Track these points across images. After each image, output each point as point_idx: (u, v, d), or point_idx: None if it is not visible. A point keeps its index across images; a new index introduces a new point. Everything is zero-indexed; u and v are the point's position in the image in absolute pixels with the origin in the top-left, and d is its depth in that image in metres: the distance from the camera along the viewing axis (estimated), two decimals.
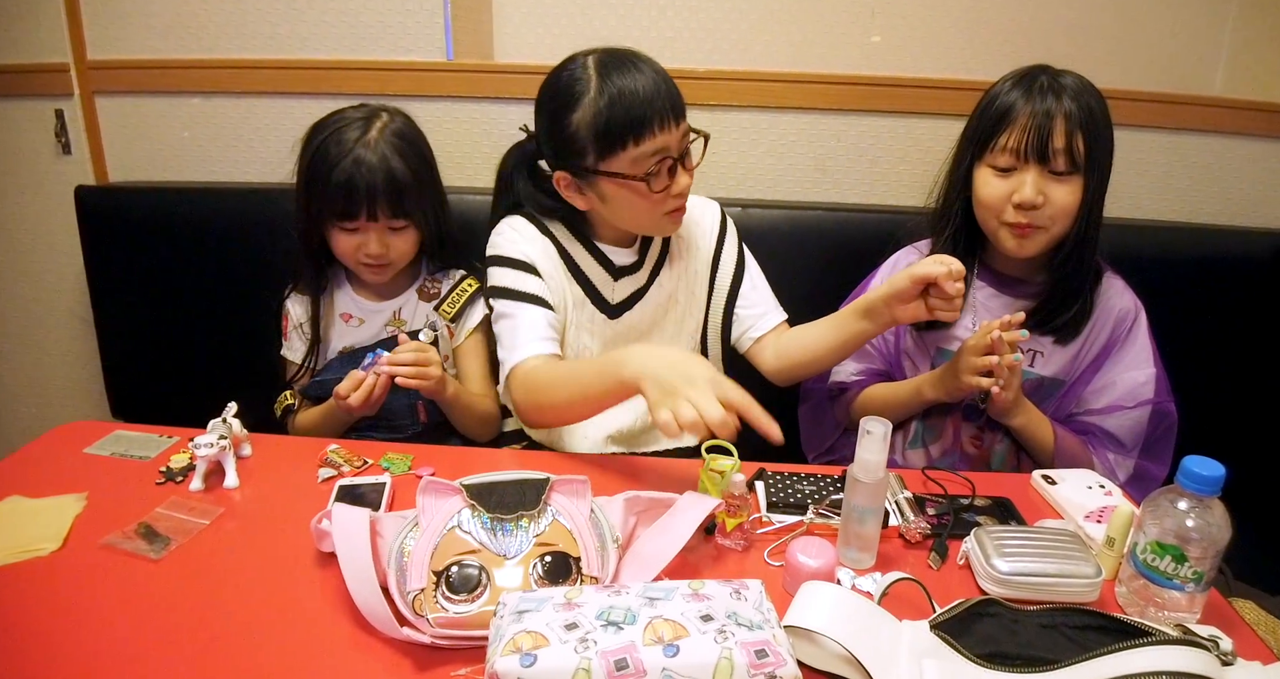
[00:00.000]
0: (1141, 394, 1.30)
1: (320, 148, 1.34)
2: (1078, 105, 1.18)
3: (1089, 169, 1.19)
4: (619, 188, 1.23)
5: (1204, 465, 0.87)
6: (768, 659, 0.69)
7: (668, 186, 1.23)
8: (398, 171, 1.32)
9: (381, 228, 1.36)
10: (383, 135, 1.34)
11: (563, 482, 0.91)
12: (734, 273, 1.43)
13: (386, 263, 1.39)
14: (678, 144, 1.23)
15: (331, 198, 1.32)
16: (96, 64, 1.82)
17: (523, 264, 1.33)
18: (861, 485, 0.94)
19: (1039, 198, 1.20)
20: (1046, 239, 1.24)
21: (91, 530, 1.01)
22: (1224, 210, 1.88)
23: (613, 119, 1.18)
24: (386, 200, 1.32)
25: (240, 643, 0.84)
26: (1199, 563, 0.88)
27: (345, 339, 1.48)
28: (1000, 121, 1.22)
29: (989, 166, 1.24)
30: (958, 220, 1.31)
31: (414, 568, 0.84)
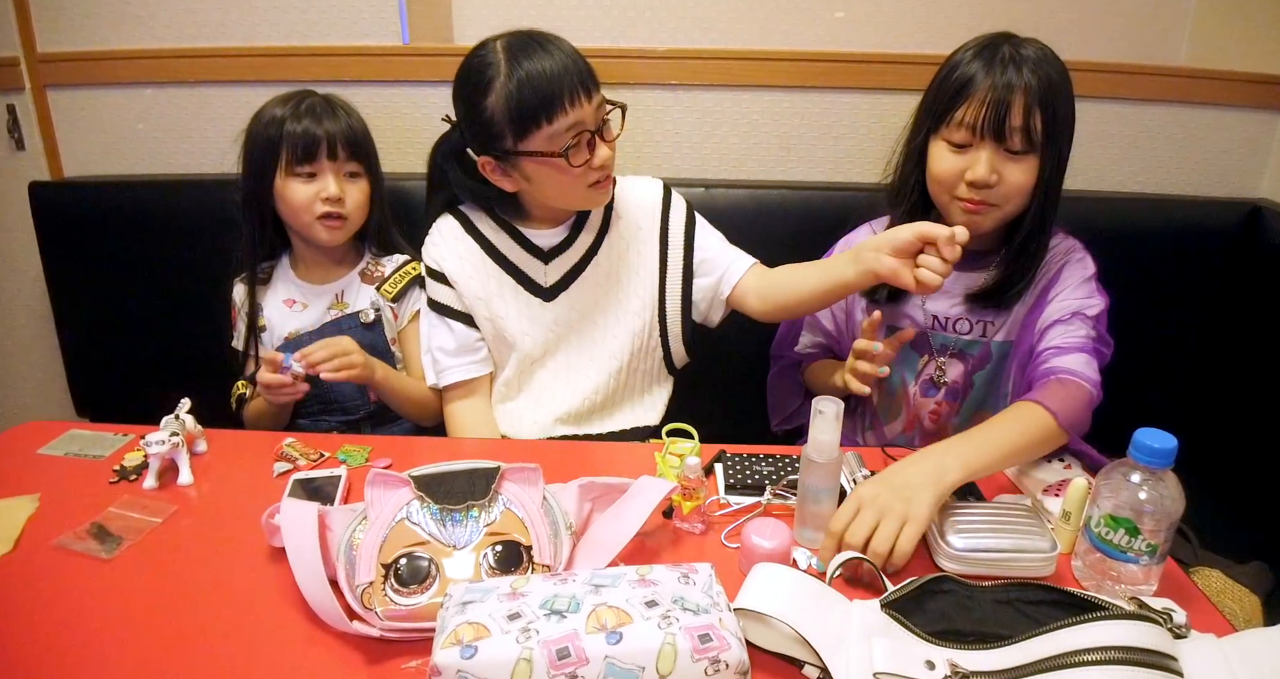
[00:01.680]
0: (1076, 307, 1.23)
1: (269, 117, 1.37)
2: (1038, 79, 1.14)
3: (1046, 147, 1.17)
4: (540, 166, 1.24)
5: (1155, 437, 0.87)
6: (711, 643, 0.68)
7: (588, 160, 1.24)
8: (347, 118, 1.38)
9: (339, 170, 1.37)
10: (325, 102, 1.40)
11: (514, 470, 0.90)
12: (684, 245, 1.41)
13: (344, 213, 1.38)
14: (593, 117, 1.23)
15: (291, 146, 1.35)
16: (47, 56, 1.79)
17: (433, 272, 1.39)
18: (816, 465, 0.93)
19: (992, 177, 1.17)
20: (999, 216, 1.22)
21: (44, 532, 1.00)
22: (1190, 180, 1.88)
23: (524, 100, 1.19)
24: (344, 139, 1.36)
25: (192, 641, 0.83)
26: (1152, 536, 0.88)
27: (290, 324, 1.46)
28: (958, 94, 1.18)
29: (944, 141, 1.22)
30: (914, 195, 1.29)
31: (362, 561, 0.83)
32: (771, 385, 1.53)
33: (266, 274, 1.48)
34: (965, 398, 1.35)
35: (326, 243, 1.42)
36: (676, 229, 1.42)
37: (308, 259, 1.48)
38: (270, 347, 1.47)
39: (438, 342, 1.40)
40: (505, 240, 1.38)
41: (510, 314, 1.37)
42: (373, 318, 1.44)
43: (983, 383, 1.34)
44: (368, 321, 1.43)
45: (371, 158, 1.42)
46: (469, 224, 1.40)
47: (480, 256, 1.38)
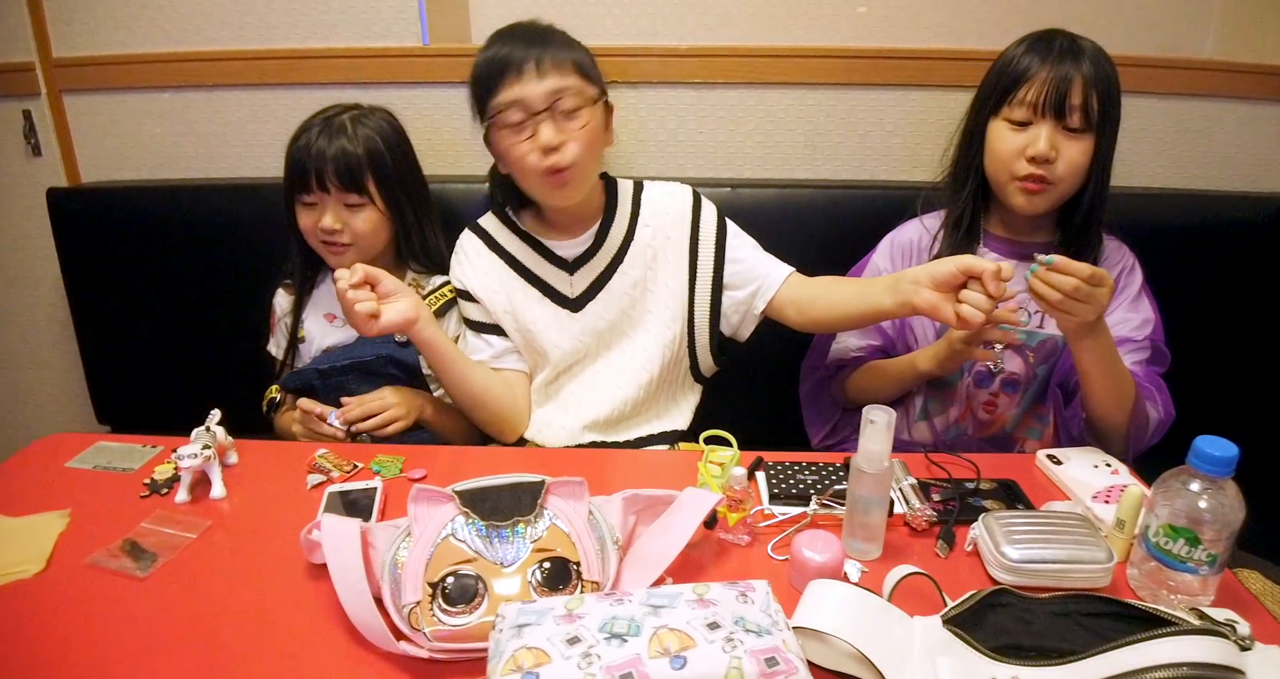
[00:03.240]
0: (1145, 330, 1.31)
1: (295, 135, 1.38)
2: (1094, 67, 1.20)
3: (1102, 128, 1.22)
4: (496, 139, 1.27)
5: (1216, 446, 0.85)
6: (779, 667, 0.66)
7: (532, 137, 1.23)
8: (349, 147, 1.34)
9: (336, 202, 1.35)
10: (351, 121, 1.37)
11: (559, 484, 0.89)
12: (715, 256, 1.39)
13: (345, 243, 1.37)
14: (541, 98, 1.22)
15: (290, 173, 1.36)
16: (62, 61, 1.77)
17: (460, 292, 1.41)
18: (866, 476, 0.91)
19: (1052, 152, 1.21)
20: (1055, 196, 1.25)
21: (76, 549, 0.98)
22: (1218, 175, 1.85)
23: (478, 69, 1.26)
24: (335, 170, 1.33)
25: (232, 661, 0.82)
26: (1212, 545, 0.86)
27: (329, 338, 1.46)
28: (1019, 79, 1.23)
29: (1004, 120, 1.26)
30: (974, 179, 1.32)
31: (408, 580, 0.81)
32: (808, 401, 1.49)
33: (311, 286, 1.49)
34: (1027, 389, 1.34)
35: (336, 268, 1.39)
36: (707, 238, 1.40)
37: None
38: (307, 358, 1.47)
39: (476, 356, 1.39)
40: (528, 253, 1.37)
41: (539, 326, 1.36)
42: (404, 339, 1.41)
43: (1045, 374, 1.34)
44: (402, 340, 1.41)
45: (382, 183, 1.37)
46: (490, 239, 1.40)
47: (504, 270, 1.37)
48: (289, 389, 1.46)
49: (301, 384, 1.43)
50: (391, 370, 1.42)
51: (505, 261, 1.39)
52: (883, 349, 1.42)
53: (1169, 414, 1.27)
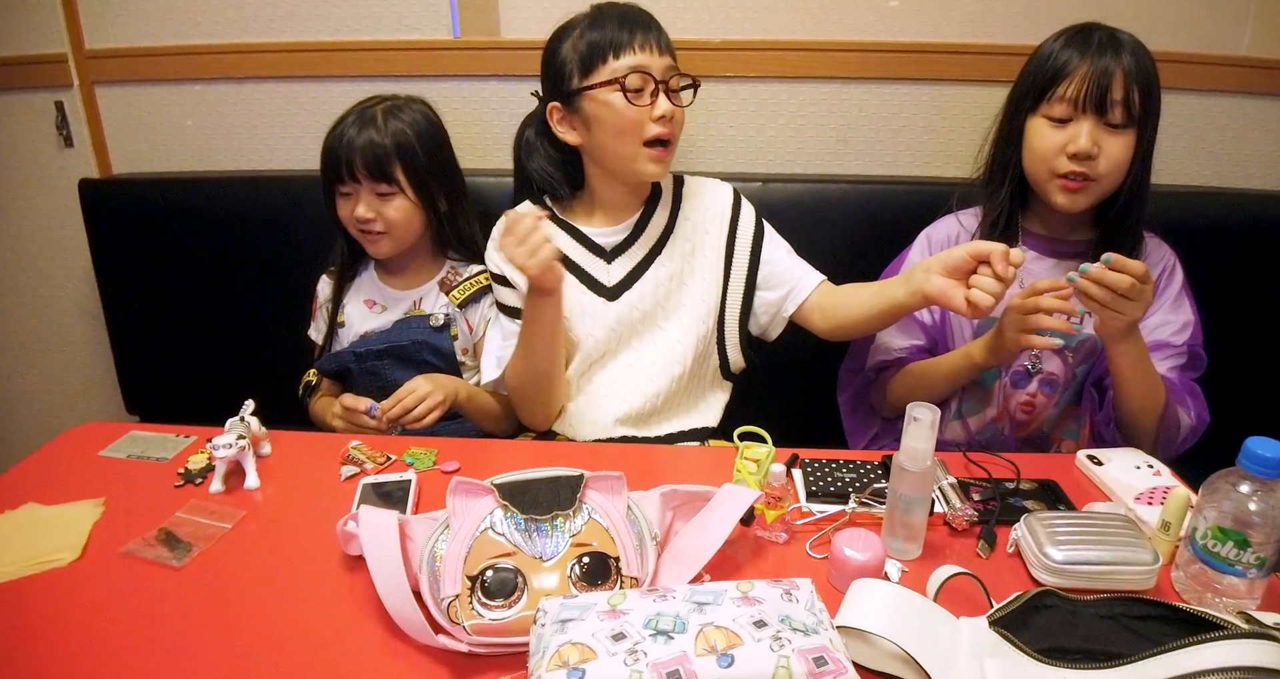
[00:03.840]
0: (1184, 335, 1.29)
1: (330, 129, 1.39)
2: (1135, 61, 1.18)
3: (1143, 123, 1.19)
4: (600, 107, 1.25)
5: (1268, 447, 0.83)
6: (827, 667, 0.65)
7: (650, 105, 1.24)
8: (377, 139, 1.35)
9: (368, 192, 1.37)
10: (384, 113, 1.38)
11: (598, 478, 0.88)
12: (750, 255, 1.40)
13: (380, 231, 1.39)
14: (660, 70, 1.25)
15: (324, 164, 1.38)
16: (95, 53, 1.78)
17: (497, 276, 1.39)
18: (909, 474, 0.90)
19: (1094, 148, 1.19)
20: (1097, 193, 1.23)
21: (111, 538, 0.98)
22: (1256, 173, 1.82)
23: (593, 39, 1.24)
24: (363, 160, 1.34)
25: (268, 652, 0.81)
26: (1262, 548, 0.84)
27: (367, 324, 1.49)
28: (1059, 74, 1.21)
29: (1044, 117, 1.23)
30: (1013, 177, 1.30)
31: (447, 573, 0.81)
32: (849, 409, 1.47)
33: (353, 274, 1.51)
34: (1065, 390, 1.33)
35: (374, 255, 1.45)
36: (744, 238, 1.40)
37: (390, 265, 1.50)
38: (345, 342, 1.49)
39: (505, 333, 1.38)
40: (566, 240, 1.37)
41: (574, 313, 1.35)
42: (442, 322, 1.44)
43: (1083, 375, 1.32)
44: (437, 325, 1.44)
45: (411, 173, 1.38)
46: None
47: None
48: (325, 372, 1.49)
49: (338, 367, 1.45)
50: (427, 356, 1.43)
51: None
52: (927, 349, 1.39)
53: (1202, 420, 1.26)
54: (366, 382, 1.44)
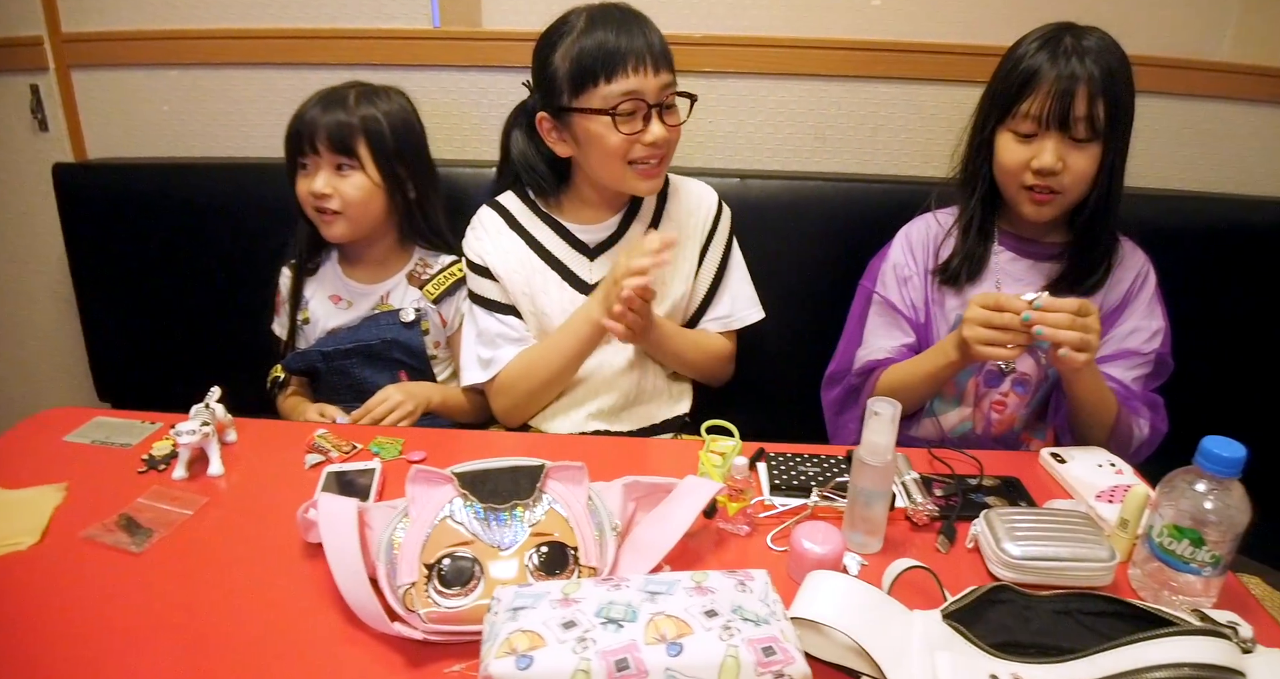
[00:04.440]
0: (1153, 343, 1.30)
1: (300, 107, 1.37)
2: (1100, 68, 1.17)
3: (1109, 135, 1.19)
4: (590, 128, 1.24)
5: (1224, 446, 0.84)
6: (775, 656, 0.65)
7: (639, 132, 1.23)
8: (344, 117, 1.33)
9: (327, 165, 1.34)
10: (356, 96, 1.36)
11: (559, 468, 0.88)
12: (716, 270, 1.43)
13: (335, 210, 1.35)
14: (654, 92, 1.23)
15: (287, 138, 1.36)
16: (71, 36, 1.76)
17: (477, 267, 1.37)
18: (869, 468, 0.90)
19: (1058, 164, 1.20)
20: (1064, 204, 1.25)
21: (71, 522, 0.98)
22: (1232, 178, 1.83)
23: (585, 55, 1.21)
24: (326, 132, 1.32)
25: (225, 639, 0.81)
26: (1217, 546, 0.85)
27: (333, 320, 1.45)
28: (1023, 87, 1.21)
29: (1011, 132, 1.25)
30: (984, 185, 1.31)
31: (404, 561, 0.80)
32: (833, 410, 1.45)
33: (314, 266, 1.47)
34: (1038, 390, 1.33)
35: (328, 239, 1.41)
36: (718, 245, 1.42)
37: (355, 258, 1.47)
38: (312, 339, 1.46)
39: (487, 335, 1.37)
40: (549, 235, 1.36)
41: (554, 310, 1.35)
42: (412, 317, 1.42)
43: (1056, 375, 1.31)
44: (407, 321, 1.41)
45: (377, 152, 1.35)
46: (511, 218, 1.38)
47: (524, 250, 1.36)
48: (292, 370, 1.46)
49: (305, 366, 1.43)
50: (397, 354, 1.41)
51: (526, 242, 1.37)
52: (915, 348, 1.38)
53: (1157, 433, 1.28)
54: (335, 380, 1.42)
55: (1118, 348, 1.29)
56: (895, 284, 1.36)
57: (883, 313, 1.37)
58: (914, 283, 1.36)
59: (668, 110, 1.26)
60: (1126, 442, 1.25)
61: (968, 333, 1.14)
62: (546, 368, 1.32)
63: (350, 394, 1.38)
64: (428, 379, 1.44)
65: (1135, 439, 1.25)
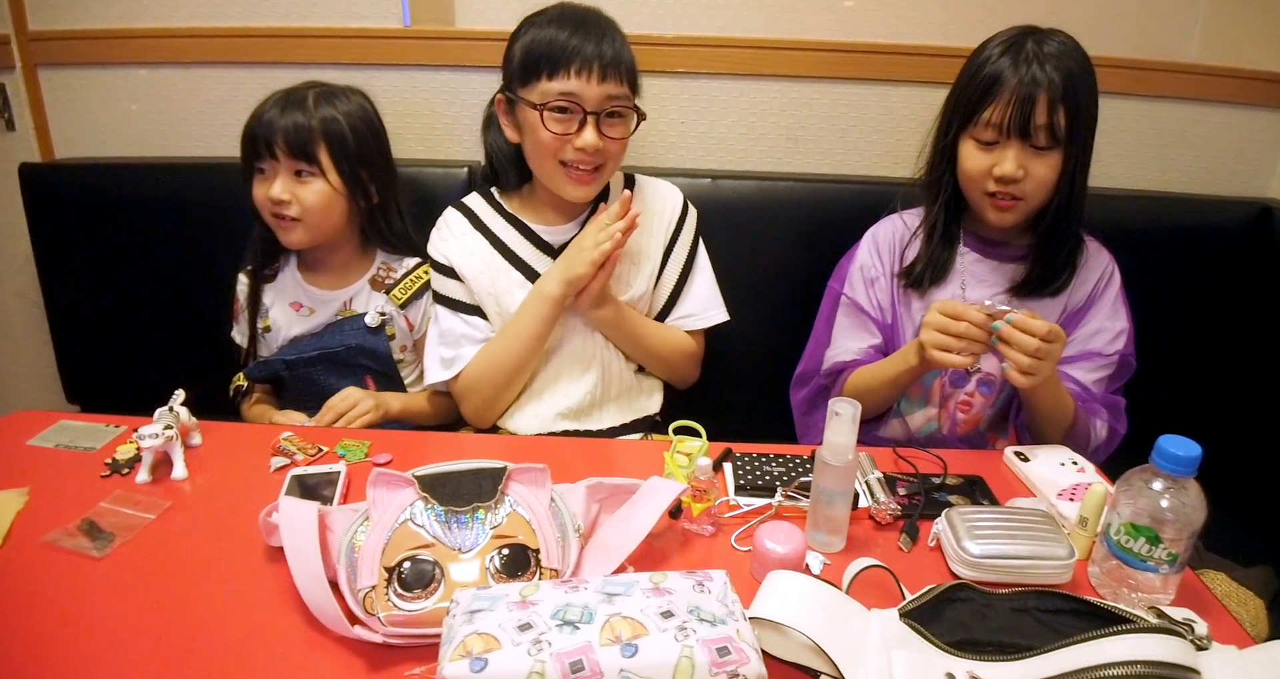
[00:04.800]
0: (1116, 344, 1.31)
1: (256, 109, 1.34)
2: (1061, 75, 1.17)
3: (1069, 142, 1.20)
4: (528, 117, 1.26)
5: (1180, 445, 0.85)
6: (730, 656, 0.66)
7: (570, 135, 1.24)
8: (302, 119, 1.30)
9: (285, 171, 1.31)
10: (315, 97, 1.33)
11: (521, 470, 0.88)
12: (681, 270, 1.43)
13: (294, 216, 1.33)
14: (595, 100, 1.23)
15: (243, 142, 1.33)
16: (38, 35, 1.74)
17: (442, 267, 1.37)
18: (831, 468, 0.91)
19: (1019, 172, 1.21)
20: (1026, 209, 1.26)
21: (33, 527, 0.97)
22: (1199, 178, 1.86)
23: (536, 47, 1.23)
24: (284, 137, 1.29)
25: (186, 642, 0.81)
26: (1173, 544, 0.86)
27: (295, 328, 1.43)
28: (985, 95, 1.22)
29: (973, 139, 1.25)
30: (948, 191, 1.32)
31: (364, 564, 0.80)
32: (801, 410, 1.46)
33: (271, 273, 1.45)
34: (1002, 390, 1.34)
35: (287, 245, 1.39)
36: (683, 245, 1.43)
37: (315, 264, 1.44)
38: (274, 346, 1.45)
39: (450, 335, 1.37)
40: (514, 235, 1.37)
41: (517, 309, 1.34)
42: (377, 323, 1.40)
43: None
44: (372, 326, 1.40)
45: (337, 157, 1.32)
46: (475, 218, 1.38)
47: (489, 251, 1.36)
48: (254, 379, 1.44)
49: (268, 374, 1.41)
50: (362, 360, 1.40)
51: (490, 242, 1.37)
52: (882, 350, 1.38)
53: (1116, 434, 1.30)
54: (300, 388, 1.40)
55: (1081, 349, 1.30)
56: (862, 285, 1.37)
57: (850, 314, 1.38)
58: (881, 284, 1.37)
59: (610, 120, 1.26)
60: (1083, 444, 1.26)
61: (925, 337, 1.16)
62: (509, 356, 1.32)
63: (316, 402, 1.36)
64: (395, 384, 1.43)
65: (1092, 441, 1.26)
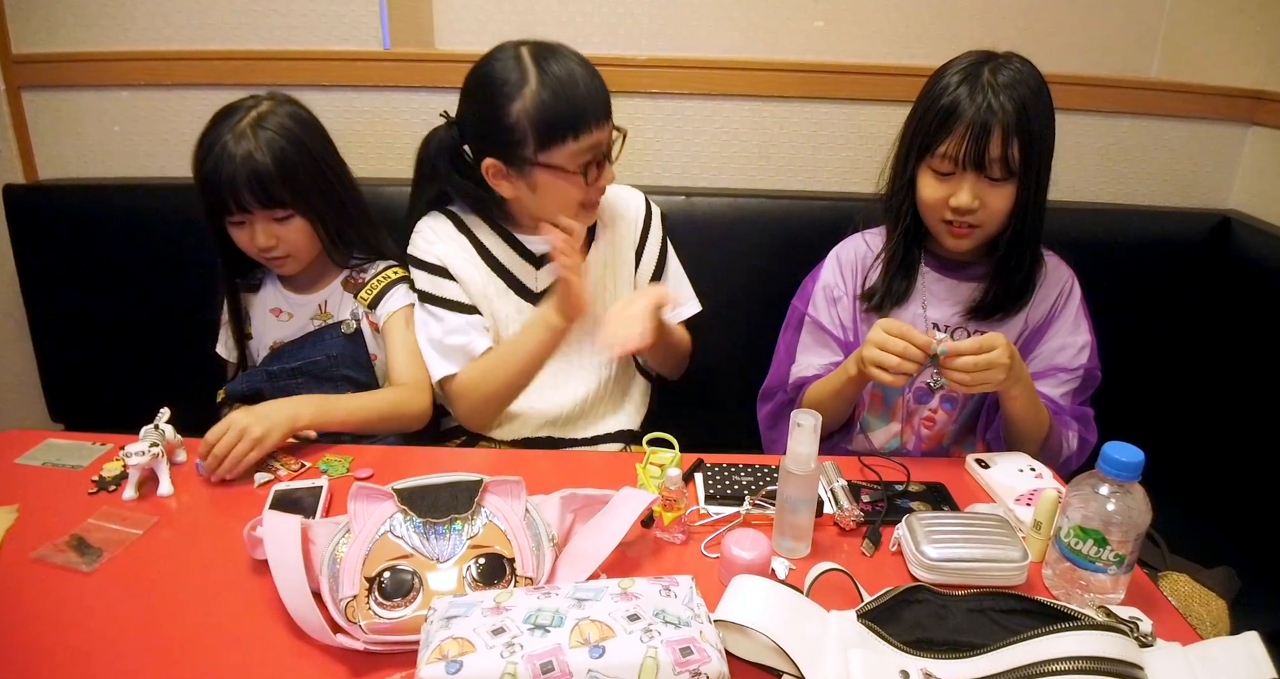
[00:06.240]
0: (1080, 358, 1.33)
1: (198, 144, 1.31)
2: (1014, 105, 1.18)
3: (1024, 173, 1.22)
4: (553, 179, 1.26)
5: (1123, 451, 0.89)
6: (692, 656, 0.70)
7: (596, 179, 1.28)
8: (259, 161, 1.26)
9: (264, 218, 1.30)
10: (253, 126, 1.28)
11: (496, 483, 0.91)
12: (655, 267, 1.47)
13: (284, 255, 1.34)
14: (608, 140, 1.28)
15: (205, 194, 1.29)
16: (22, 57, 1.77)
17: (435, 268, 1.37)
18: (794, 477, 0.95)
19: (975, 203, 1.23)
20: (982, 236, 1.28)
21: (23, 543, 0.99)
22: (1160, 191, 1.92)
23: (557, 112, 1.21)
24: (250, 191, 1.26)
25: (175, 654, 0.83)
26: (1120, 546, 0.90)
27: (275, 333, 1.44)
28: (941, 128, 1.23)
29: (930, 170, 1.27)
30: (907, 219, 1.34)
31: (346, 574, 0.83)
32: (767, 424, 1.48)
33: (258, 282, 1.46)
34: (965, 406, 1.37)
35: (283, 274, 1.41)
36: (652, 248, 1.46)
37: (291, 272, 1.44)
38: (258, 355, 1.46)
39: (454, 326, 1.35)
40: (498, 243, 1.39)
41: (500, 317, 1.38)
42: (354, 329, 1.41)
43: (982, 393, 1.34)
44: (349, 333, 1.41)
45: (302, 189, 1.30)
46: (461, 223, 1.40)
47: (475, 256, 1.38)
48: (236, 396, 1.42)
49: (249, 389, 1.40)
50: (345, 370, 1.40)
51: (475, 248, 1.39)
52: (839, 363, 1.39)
53: (1086, 444, 1.33)
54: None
55: (1046, 365, 1.33)
56: (825, 305, 1.40)
57: (812, 332, 1.41)
58: (843, 304, 1.39)
59: (606, 155, 1.30)
60: (1056, 454, 1.30)
61: (865, 352, 1.18)
62: (505, 371, 1.34)
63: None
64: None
65: (1065, 452, 1.30)
